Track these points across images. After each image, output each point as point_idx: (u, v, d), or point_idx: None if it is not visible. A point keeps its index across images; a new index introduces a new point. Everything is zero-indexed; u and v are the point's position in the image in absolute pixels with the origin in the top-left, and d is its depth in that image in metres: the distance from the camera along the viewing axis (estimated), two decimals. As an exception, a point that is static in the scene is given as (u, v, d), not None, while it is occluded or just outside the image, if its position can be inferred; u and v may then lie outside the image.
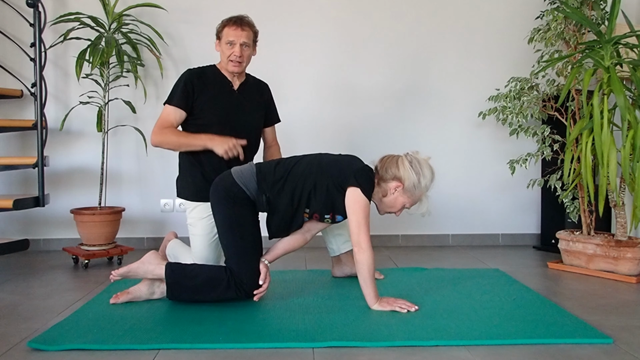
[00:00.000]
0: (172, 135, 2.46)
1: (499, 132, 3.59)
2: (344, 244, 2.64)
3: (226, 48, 2.52)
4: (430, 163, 2.22)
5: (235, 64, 2.52)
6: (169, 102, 2.52)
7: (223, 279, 2.16)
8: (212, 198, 2.27)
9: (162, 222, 3.54)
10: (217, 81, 2.58)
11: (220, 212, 2.24)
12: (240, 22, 2.52)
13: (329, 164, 2.22)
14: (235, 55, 2.50)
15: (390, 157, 2.23)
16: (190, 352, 1.76)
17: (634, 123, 2.55)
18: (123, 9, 3.30)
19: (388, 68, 3.58)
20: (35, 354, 1.75)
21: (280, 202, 2.21)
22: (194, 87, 2.52)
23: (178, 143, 2.46)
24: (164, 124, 2.48)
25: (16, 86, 3.36)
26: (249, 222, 2.22)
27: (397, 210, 2.26)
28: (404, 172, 2.16)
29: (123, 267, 2.23)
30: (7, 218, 3.45)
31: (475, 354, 1.74)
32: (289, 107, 3.45)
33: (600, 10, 2.96)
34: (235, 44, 2.50)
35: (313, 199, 2.19)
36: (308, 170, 2.21)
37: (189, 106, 2.51)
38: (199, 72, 2.58)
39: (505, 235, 3.69)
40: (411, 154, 2.23)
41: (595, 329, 1.94)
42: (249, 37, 2.53)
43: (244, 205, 2.22)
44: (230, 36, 2.50)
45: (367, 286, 2.15)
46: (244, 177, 2.24)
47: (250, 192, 2.22)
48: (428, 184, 2.19)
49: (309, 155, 2.31)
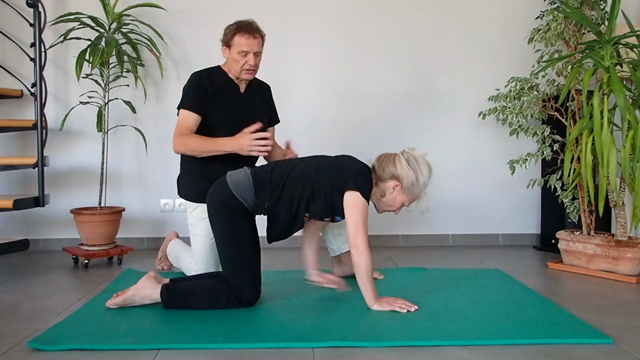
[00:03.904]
0: (193, 142, 2.44)
1: (499, 132, 3.59)
2: (344, 243, 2.64)
3: (239, 57, 2.48)
4: (427, 159, 2.20)
5: (249, 72, 2.51)
6: (184, 107, 2.50)
7: (222, 294, 2.15)
8: (209, 207, 2.23)
9: (162, 222, 3.54)
10: (225, 83, 2.57)
11: (217, 224, 2.20)
12: (251, 29, 2.47)
13: (325, 168, 2.19)
14: (250, 64, 2.48)
15: (387, 156, 2.21)
16: (190, 352, 1.76)
17: (634, 123, 2.55)
18: (123, 9, 3.30)
19: (389, 69, 3.58)
20: (35, 354, 1.75)
21: (279, 210, 2.18)
22: (206, 90, 2.51)
23: (200, 150, 2.43)
24: (183, 131, 2.46)
25: (16, 86, 3.36)
26: (247, 235, 2.19)
27: (396, 209, 2.25)
28: (402, 170, 2.15)
29: (119, 297, 2.17)
30: (7, 218, 3.45)
31: (475, 354, 1.74)
32: (293, 109, 3.45)
33: (600, 10, 2.96)
34: (248, 54, 2.47)
35: (312, 204, 2.17)
36: (305, 176, 2.17)
37: (204, 109, 2.50)
38: (208, 74, 2.56)
39: (505, 235, 3.69)
40: (408, 151, 2.21)
41: (595, 329, 1.94)
42: (260, 45, 2.51)
43: (242, 218, 2.18)
44: (243, 46, 2.46)
45: (365, 287, 2.15)
46: (240, 187, 2.18)
47: (248, 203, 2.17)
48: (426, 181, 2.18)
49: (304, 160, 2.27)
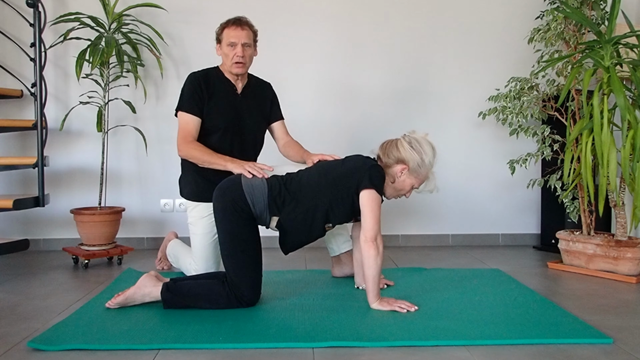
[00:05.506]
0: (195, 151, 2.47)
1: (499, 132, 3.59)
2: (344, 243, 2.64)
3: (228, 50, 2.51)
4: (429, 139, 2.23)
5: (238, 65, 2.51)
6: (182, 109, 2.52)
7: (222, 294, 2.15)
8: (217, 203, 2.21)
9: (162, 222, 3.54)
10: (221, 85, 2.58)
11: (223, 222, 2.19)
12: (239, 22, 2.51)
13: (339, 177, 2.19)
14: (238, 55, 2.49)
15: (389, 142, 2.25)
16: (190, 352, 1.76)
17: (634, 123, 2.55)
18: (123, 9, 3.30)
19: (389, 69, 3.58)
20: (35, 354, 1.75)
21: (294, 223, 2.19)
22: (202, 91, 2.52)
23: (201, 160, 2.46)
24: (187, 137, 2.49)
25: (16, 86, 3.36)
26: (251, 237, 2.20)
27: (407, 192, 2.27)
28: (406, 153, 2.18)
29: (119, 296, 2.17)
30: (7, 218, 3.45)
31: (475, 354, 1.74)
32: (290, 108, 3.42)
33: (600, 10, 2.96)
34: (236, 45, 2.49)
35: (332, 214, 2.19)
36: (317, 189, 2.18)
37: (201, 110, 2.52)
38: (204, 76, 2.57)
39: (505, 235, 3.68)
40: (408, 135, 2.24)
41: (595, 329, 1.94)
42: (250, 37, 2.53)
43: (248, 220, 2.18)
44: (231, 37, 2.49)
45: (372, 283, 2.14)
46: (254, 193, 2.18)
47: (255, 210, 2.18)
48: (431, 160, 2.21)
49: (312, 171, 2.27)
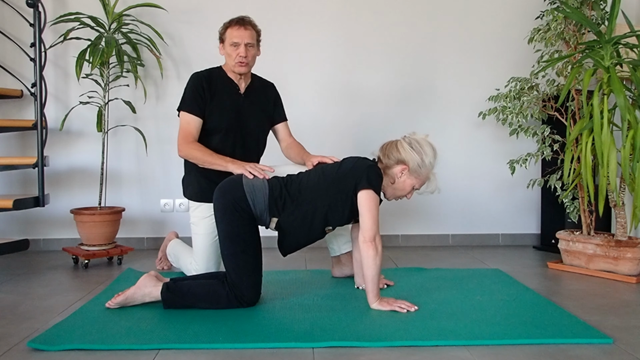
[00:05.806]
0: (196, 152, 2.47)
1: (499, 132, 3.59)
2: (344, 244, 2.64)
3: (231, 50, 2.50)
4: (429, 140, 2.23)
5: (241, 64, 2.51)
6: (183, 109, 2.52)
7: (222, 295, 2.15)
8: (218, 203, 2.21)
9: (162, 222, 3.54)
10: (224, 85, 2.57)
11: (223, 222, 2.19)
12: (243, 22, 2.51)
13: (338, 180, 2.19)
14: (241, 55, 2.49)
15: (389, 143, 2.26)
16: (190, 352, 1.76)
17: (634, 123, 2.55)
18: (123, 9, 3.30)
19: (389, 69, 3.58)
20: (35, 354, 1.75)
21: (293, 225, 2.19)
22: (204, 91, 2.52)
23: (202, 160, 2.46)
24: (187, 137, 2.49)
25: (16, 86, 3.36)
26: (252, 237, 2.20)
27: (408, 193, 2.27)
28: (406, 154, 2.19)
29: (119, 296, 2.17)
30: (7, 218, 3.45)
31: (475, 354, 1.74)
32: (292, 109, 3.41)
33: (600, 10, 2.96)
34: (239, 45, 2.49)
35: (331, 217, 2.19)
36: (316, 192, 2.19)
37: (203, 111, 2.52)
38: (207, 76, 2.57)
39: (505, 235, 3.68)
40: (409, 136, 2.25)
41: (595, 329, 1.94)
42: (253, 37, 2.53)
43: (248, 219, 2.19)
44: (234, 37, 2.49)
45: (372, 283, 2.14)
46: (255, 194, 2.18)
47: (256, 210, 2.18)
48: (432, 161, 2.21)
49: (312, 174, 2.27)
